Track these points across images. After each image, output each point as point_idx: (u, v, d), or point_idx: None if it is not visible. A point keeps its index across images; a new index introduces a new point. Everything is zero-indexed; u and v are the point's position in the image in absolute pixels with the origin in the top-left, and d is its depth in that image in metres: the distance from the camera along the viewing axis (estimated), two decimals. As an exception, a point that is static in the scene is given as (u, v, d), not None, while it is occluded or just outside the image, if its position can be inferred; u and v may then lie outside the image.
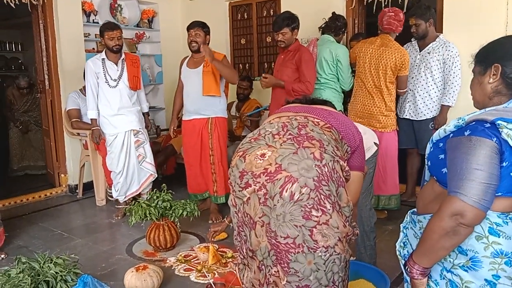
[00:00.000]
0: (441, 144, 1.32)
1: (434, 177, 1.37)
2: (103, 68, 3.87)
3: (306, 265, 1.44)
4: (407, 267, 1.35)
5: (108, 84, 3.86)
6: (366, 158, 2.57)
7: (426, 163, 1.42)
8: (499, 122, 1.17)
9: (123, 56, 3.95)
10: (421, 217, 1.38)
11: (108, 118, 3.92)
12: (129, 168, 3.99)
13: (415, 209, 1.47)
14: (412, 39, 3.90)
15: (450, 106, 3.69)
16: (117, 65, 3.90)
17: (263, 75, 3.72)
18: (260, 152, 1.54)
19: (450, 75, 3.63)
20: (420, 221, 1.38)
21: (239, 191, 1.55)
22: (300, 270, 1.45)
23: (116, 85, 3.87)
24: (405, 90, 3.65)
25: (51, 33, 4.63)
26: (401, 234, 1.48)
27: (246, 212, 1.54)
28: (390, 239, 3.17)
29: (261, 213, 1.49)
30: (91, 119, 4.02)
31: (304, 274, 1.45)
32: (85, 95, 4.46)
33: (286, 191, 1.44)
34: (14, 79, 5.87)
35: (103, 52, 3.94)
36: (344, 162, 1.59)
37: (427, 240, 1.26)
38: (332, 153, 1.54)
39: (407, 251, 1.46)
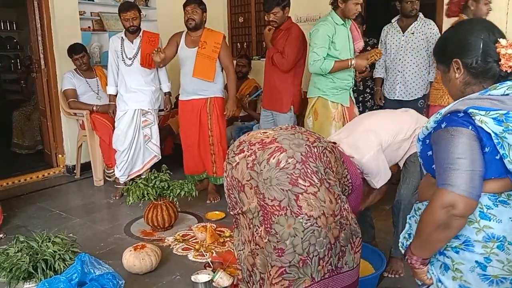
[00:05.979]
0: (428, 141, 1.34)
1: (429, 173, 1.39)
2: (121, 46, 3.88)
3: (286, 228, 1.51)
4: (406, 257, 1.37)
5: (124, 62, 3.88)
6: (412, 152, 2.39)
7: (419, 160, 1.44)
8: (470, 110, 1.19)
9: (140, 34, 3.91)
10: (420, 205, 1.41)
11: (123, 94, 3.94)
12: (136, 147, 3.98)
13: None
14: (393, 20, 3.87)
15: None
16: (133, 44, 3.87)
17: (268, 27, 3.65)
18: (263, 130, 1.75)
19: None
20: (420, 208, 1.41)
21: (232, 157, 1.70)
22: (279, 232, 1.51)
23: (131, 63, 3.87)
24: None
25: (46, 11, 4.55)
26: (407, 225, 1.49)
27: (234, 176, 1.66)
28: (386, 218, 3.18)
29: (248, 176, 1.61)
30: (108, 94, 4.13)
31: (282, 236, 1.51)
32: (80, 75, 4.48)
33: (274, 158, 1.59)
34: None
35: (123, 31, 3.92)
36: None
37: (422, 234, 1.27)
38: (327, 146, 1.69)
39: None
